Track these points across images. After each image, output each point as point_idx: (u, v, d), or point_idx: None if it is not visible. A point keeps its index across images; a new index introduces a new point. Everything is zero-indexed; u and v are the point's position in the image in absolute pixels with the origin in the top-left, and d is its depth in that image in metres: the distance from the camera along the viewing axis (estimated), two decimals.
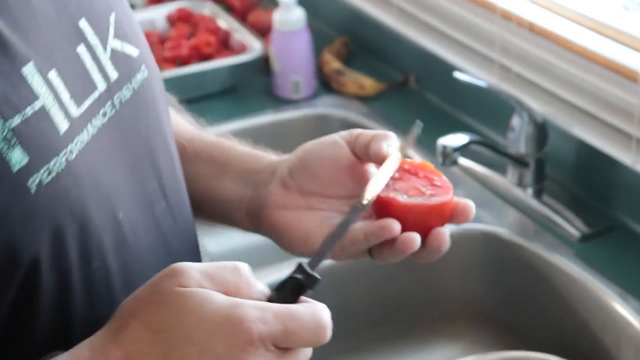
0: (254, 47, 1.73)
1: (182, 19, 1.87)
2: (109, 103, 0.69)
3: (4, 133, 0.59)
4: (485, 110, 1.53)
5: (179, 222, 0.78)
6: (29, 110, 0.61)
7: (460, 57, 1.52)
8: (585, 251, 1.27)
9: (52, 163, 0.62)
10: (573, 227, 1.30)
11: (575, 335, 1.24)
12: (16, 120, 0.60)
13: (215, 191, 0.87)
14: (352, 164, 0.80)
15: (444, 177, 0.78)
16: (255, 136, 1.51)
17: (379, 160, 0.78)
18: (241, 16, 1.91)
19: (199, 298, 0.60)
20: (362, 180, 0.79)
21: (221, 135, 0.92)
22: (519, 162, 1.36)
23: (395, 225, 0.74)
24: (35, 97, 0.62)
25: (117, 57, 0.72)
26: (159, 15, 1.90)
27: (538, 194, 1.37)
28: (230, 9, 1.94)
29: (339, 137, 0.81)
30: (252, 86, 1.73)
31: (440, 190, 0.77)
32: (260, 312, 0.60)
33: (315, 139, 0.84)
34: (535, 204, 1.35)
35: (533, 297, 1.30)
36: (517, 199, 1.37)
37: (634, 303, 1.17)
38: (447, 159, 1.28)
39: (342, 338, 1.37)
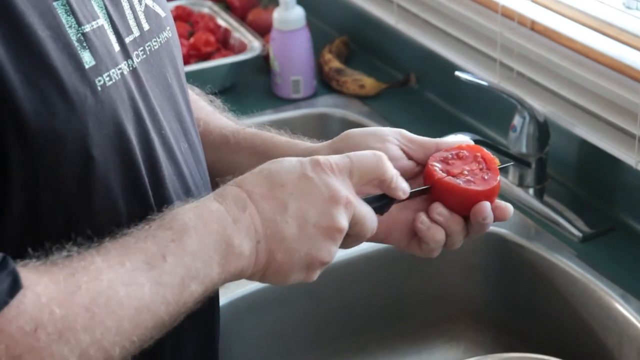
0: (254, 46, 1.72)
1: (181, 17, 1.86)
2: (141, 48, 0.80)
3: (77, 35, 0.71)
4: (486, 110, 1.52)
5: (198, 164, 0.87)
6: (93, 24, 0.73)
7: (461, 57, 1.51)
8: (586, 252, 1.26)
9: (111, 71, 0.73)
10: (575, 228, 1.30)
11: (576, 336, 1.24)
12: (86, 28, 0.72)
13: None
14: (402, 159, 0.89)
15: (496, 161, 0.87)
16: None
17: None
18: (241, 15, 1.91)
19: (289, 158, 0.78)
20: (412, 172, 0.89)
21: (261, 127, 0.99)
22: (521, 161, 1.35)
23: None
24: (97, 16, 0.74)
25: (149, 13, 0.82)
26: None
27: (539, 194, 1.36)
28: (229, 8, 1.93)
29: (391, 137, 0.89)
30: (252, 85, 1.73)
31: (490, 175, 0.85)
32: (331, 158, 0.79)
33: (360, 129, 0.91)
34: (536, 204, 1.35)
35: (534, 297, 1.30)
36: (519, 199, 1.37)
37: (636, 304, 1.16)
38: None
39: (343, 338, 1.36)
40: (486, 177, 0.85)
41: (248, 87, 1.73)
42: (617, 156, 1.26)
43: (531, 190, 1.37)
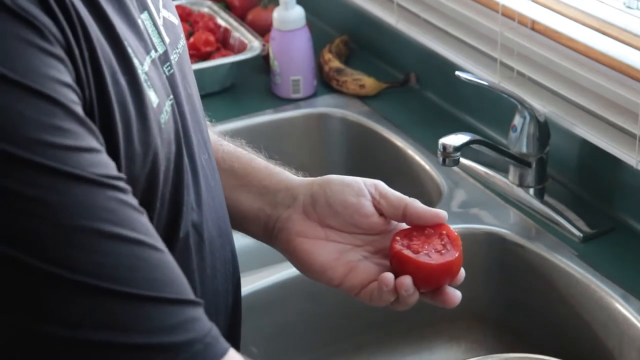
0: (254, 45, 1.72)
1: (181, 17, 1.86)
2: (168, 63, 0.78)
3: (143, 75, 0.69)
4: (486, 110, 1.52)
5: (214, 173, 0.86)
6: (148, 59, 0.71)
7: (461, 56, 1.51)
8: (587, 252, 1.26)
9: (167, 105, 0.72)
10: (575, 228, 1.29)
11: (577, 336, 1.23)
12: (146, 67, 0.70)
13: (233, 203, 0.93)
14: (374, 215, 0.90)
15: (451, 229, 0.89)
16: (254, 136, 1.51)
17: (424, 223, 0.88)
18: (240, 15, 1.91)
19: None
20: (381, 228, 0.90)
21: (239, 146, 0.98)
22: (521, 161, 1.35)
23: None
24: (149, 49, 0.72)
25: (167, 24, 0.81)
26: None
27: (540, 194, 1.36)
28: (229, 8, 1.93)
29: (366, 191, 0.90)
30: (252, 85, 1.73)
31: (449, 251, 0.87)
32: None
33: (339, 176, 0.91)
34: (537, 204, 1.35)
35: (534, 298, 1.29)
36: (519, 199, 1.37)
37: (637, 304, 1.16)
38: (448, 158, 1.27)
39: (343, 339, 1.36)
40: (443, 252, 0.86)
41: (248, 87, 1.73)
42: (617, 156, 1.26)
43: (531, 190, 1.36)
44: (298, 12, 1.66)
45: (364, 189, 0.89)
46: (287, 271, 1.26)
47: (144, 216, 0.63)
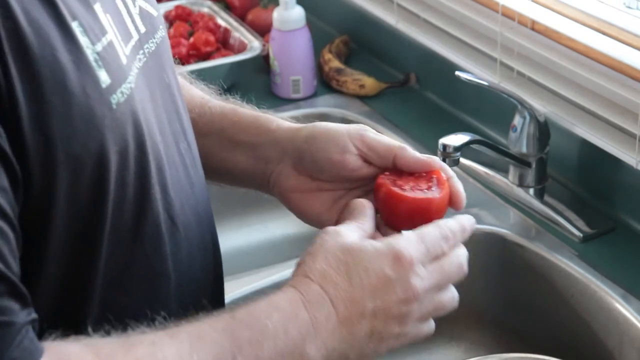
0: (254, 45, 1.72)
1: (181, 17, 1.86)
2: (141, 51, 0.79)
3: (94, 55, 0.70)
4: (486, 110, 1.52)
5: (195, 161, 0.87)
6: (104, 40, 0.72)
7: (461, 56, 1.51)
8: (587, 252, 1.26)
9: (123, 87, 0.72)
10: (575, 228, 1.29)
11: (577, 336, 1.23)
12: (99, 47, 0.71)
13: (230, 163, 0.95)
14: (362, 168, 0.89)
15: (442, 174, 0.87)
16: None
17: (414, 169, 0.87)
18: (240, 15, 1.91)
19: (361, 243, 0.78)
20: (372, 174, 0.88)
21: (228, 102, 0.99)
22: (521, 161, 1.35)
23: None
24: (105, 31, 0.73)
25: (143, 14, 0.82)
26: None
27: (540, 194, 1.36)
28: (229, 8, 1.93)
29: (351, 146, 0.88)
30: (252, 85, 1.72)
31: (433, 190, 0.85)
32: (405, 240, 0.78)
33: (324, 129, 0.90)
34: (537, 204, 1.35)
35: (534, 298, 1.29)
36: (519, 199, 1.37)
37: (637, 304, 1.16)
38: (448, 158, 1.27)
39: None
40: (426, 191, 0.85)
41: (248, 87, 1.72)
42: (617, 156, 1.26)
43: (531, 190, 1.36)
44: (298, 12, 1.66)
45: (349, 144, 0.88)
46: (286, 271, 1.25)
47: None
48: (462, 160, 1.41)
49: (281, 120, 0.95)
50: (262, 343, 0.72)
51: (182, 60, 1.72)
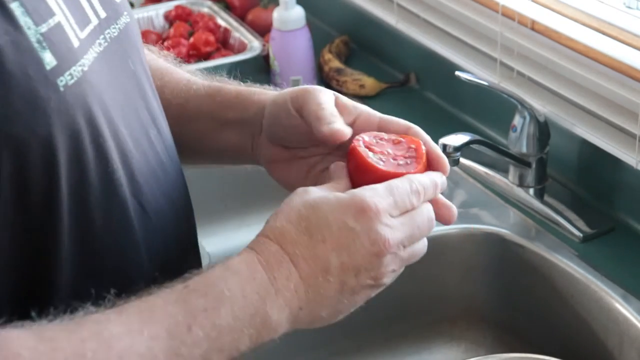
0: (254, 45, 1.72)
1: (180, 17, 1.86)
2: (102, 36, 0.77)
3: (37, 36, 0.68)
4: (486, 110, 1.52)
5: (168, 149, 0.85)
6: (51, 22, 0.70)
7: (461, 56, 1.51)
8: (587, 252, 1.26)
9: (72, 69, 0.70)
10: (575, 228, 1.29)
11: (577, 336, 1.23)
12: (44, 28, 0.69)
13: (222, 144, 0.94)
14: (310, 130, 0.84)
15: (422, 147, 0.82)
16: None
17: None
18: (240, 15, 1.91)
19: (324, 196, 0.75)
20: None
21: (212, 80, 0.98)
22: (521, 161, 1.35)
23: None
24: (53, 13, 0.70)
25: (104, 0, 0.80)
26: (157, 13, 1.89)
27: (540, 194, 1.36)
28: (229, 8, 1.93)
29: (291, 106, 0.85)
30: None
31: (414, 160, 0.80)
32: (371, 191, 0.75)
33: (275, 100, 0.88)
34: (536, 204, 1.35)
35: (534, 298, 1.29)
36: (519, 199, 1.37)
37: (637, 304, 1.16)
38: (448, 158, 1.26)
39: (342, 339, 1.36)
40: (401, 163, 0.80)
41: None
42: (617, 156, 1.26)
43: (531, 190, 1.36)
44: (298, 12, 1.66)
45: (290, 108, 0.85)
46: None
47: None
48: (462, 160, 1.41)
49: (261, 92, 0.93)
50: (219, 309, 0.69)
51: (182, 60, 1.72)
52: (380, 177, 0.78)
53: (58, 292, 0.72)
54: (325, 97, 0.84)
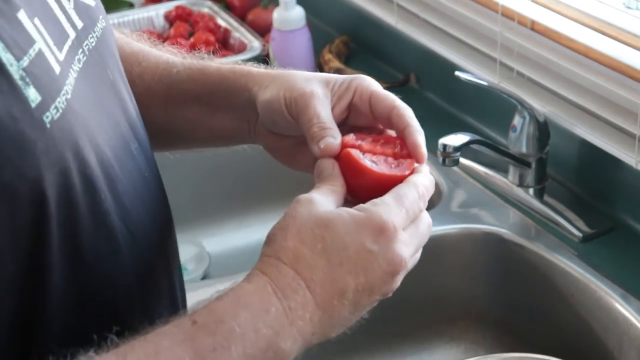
0: (254, 46, 1.72)
1: (181, 17, 1.86)
2: (80, 50, 0.73)
3: (19, 72, 0.63)
4: (486, 110, 1.52)
5: (148, 160, 0.81)
6: (31, 52, 0.65)
7: (461, 56, 1.51)
8: (587, 252, 1.26)
9: (57, 101, 0.65)
10: (575, 228, 1.29)
11: (576, 336, 1.23)
12: (25, 62, 0.64)
13: (216, 129, 0.91)
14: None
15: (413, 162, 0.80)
16: None
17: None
18: (240, 15, 1.91)
19: (337, 213, 0.71)
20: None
21: (192, 58, 0.93)
22: (521, 161, 1.35)
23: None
24: (33, 41, 0.65)
25: (79, 7, 0.75)
26: (157, 14, 1.89)
27: (539, 194, 1.36)
28: (229, 8, 1.93)
29: (288, 116, 0.82)
30: None
31: (405, 158, 0.79)
32: (385, 207, 0.72)
33: (268, 99, 0.83)
34: (536, 204, 1.35)
35: (534, 298, 1.29)
36: (519, 199, 1.37)
37: (637, 304, 1.16)
38: (448, 158, 1.27)
39: (342, 339, 1.35)
40: (392, 164, 0.78)
41: None
42: (617, 156, 1.26)
43: (531, 190, 1.36)
44: (298, 12, 1.66)
45: (282, 104, 0.82)
46: None
47: None
48: (462, 160, 1.41)
49: (247, 74, 0.87)
50: (229, 348, 0.65)
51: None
52: (376, 179, 0.77)
53: (51, 335, 0.68)
54: (318, 108, 0.80)
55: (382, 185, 0.76)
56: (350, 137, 0.80)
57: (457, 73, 1.33)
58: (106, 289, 0.72)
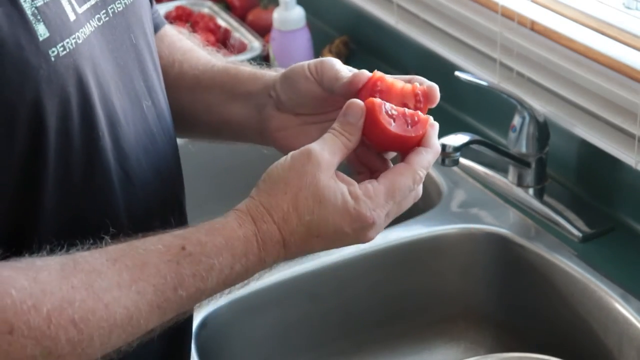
0: (254, 46, 1.72)
1: (181, 17, 1.86)
2: (104, 11, 0.81)
3: (32, 9, 0.72)
4: (486, 110, 1.52)
5: (162, 121, 0.89)
6: None
7: (461, 57, 1.51)
8: (586, 252, 1.26)
9: (65, 41, 0.74)
10: (574, 228, 1.30)
11: (576, 336, 1.24)
12: (39, 2, 0.73)
13: (227, 116, 0.97)
14: (326, 95, 0.89)
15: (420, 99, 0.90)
16: None
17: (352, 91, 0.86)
18: (241, 15, 1.91)
19: (334, 193, 0.78)
20: (337, 104, 0.86)
21: (229, 61, 1.01)
22: (520, 161, 1.35)
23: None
24: None
25: None
26: None
27: (539, 194, 1.36)
28: (229, 8, 1.93)
29: (308, 73, 0.89)
30: None
31: (420, 117, 0.87)
32: (374, 203, 0.79)
33: (294, 66, 0.90)
34: (536, 204, 1.35)
35: (534, 298, 1.30)
36: (518, 199, 1.37)
37: (636, 304, 1.16)
38: (448, 158, 1.27)
39: (342, 339, 1.36)
40: (410, 127, 0.85)
41: None
42: (617, 156, 1.26)
43: (531, 190, 1.37)
44: (298, 12, 1.66)
45: (307, 72, 0.89)
46: (287, 271, 1.26)
47: None
48: (462, 160, 1.41)
49: (274, 71, 0.96)
50: (206, 278, 0.75)
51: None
52: (390, 137, 0.82)
53: (42, 239, 0.75)
54: (340, 65, 0.89)
55: (395, 144, 0.82)
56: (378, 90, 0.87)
57: (457, 73, 1.33)
58: (96, 215, 0.80)
